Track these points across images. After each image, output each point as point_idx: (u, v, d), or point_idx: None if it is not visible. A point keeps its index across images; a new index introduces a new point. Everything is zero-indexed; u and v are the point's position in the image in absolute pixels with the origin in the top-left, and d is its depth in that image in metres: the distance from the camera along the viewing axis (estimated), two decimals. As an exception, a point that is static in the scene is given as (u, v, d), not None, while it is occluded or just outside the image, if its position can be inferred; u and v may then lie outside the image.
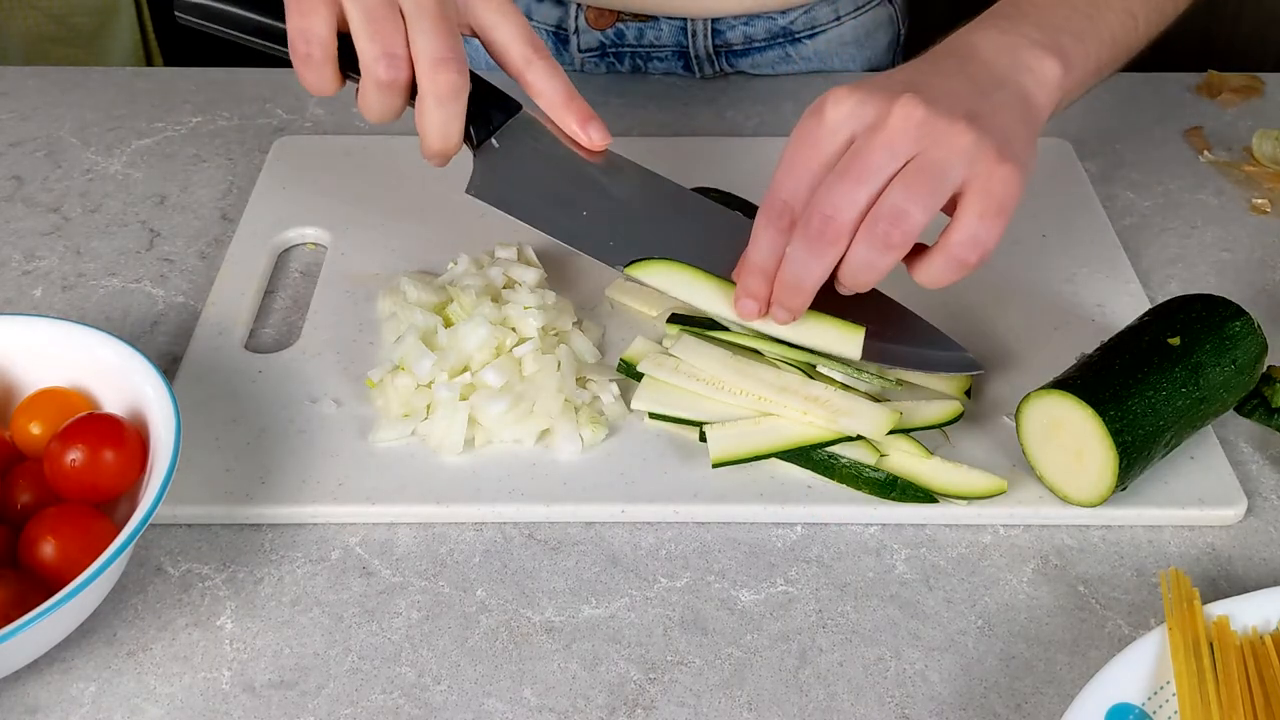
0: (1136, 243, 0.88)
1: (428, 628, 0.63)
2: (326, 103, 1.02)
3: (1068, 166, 0.94)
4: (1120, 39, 0.72)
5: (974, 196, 0.62)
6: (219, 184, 0.93)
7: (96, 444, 0.63)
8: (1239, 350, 0.68)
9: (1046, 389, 0.66)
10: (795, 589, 0.65)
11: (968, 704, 0.60)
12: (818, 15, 1.07)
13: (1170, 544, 0.67)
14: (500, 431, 0.70)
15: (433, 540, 0.67)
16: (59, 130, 0.99)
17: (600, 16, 1.06)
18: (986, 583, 0.65)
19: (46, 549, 0.60)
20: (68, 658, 0.61)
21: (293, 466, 0.69)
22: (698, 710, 0.59)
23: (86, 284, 0.84)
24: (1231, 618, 0.60)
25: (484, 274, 0.79)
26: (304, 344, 0.78)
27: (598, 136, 0.73)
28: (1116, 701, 0.56)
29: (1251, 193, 0.94)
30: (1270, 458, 0.72)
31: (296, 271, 0.85)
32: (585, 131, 0.73)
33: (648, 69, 1.08)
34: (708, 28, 1.06)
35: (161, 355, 0.78)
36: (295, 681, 0.60)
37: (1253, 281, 0.85)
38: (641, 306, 0.79)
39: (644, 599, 0.64)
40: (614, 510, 0.68)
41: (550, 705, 0.59)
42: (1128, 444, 0.64)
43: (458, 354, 0.72)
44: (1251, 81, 1.05)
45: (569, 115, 0.73)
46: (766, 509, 0.68)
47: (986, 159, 0.61)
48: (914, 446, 0.69)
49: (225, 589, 0.65)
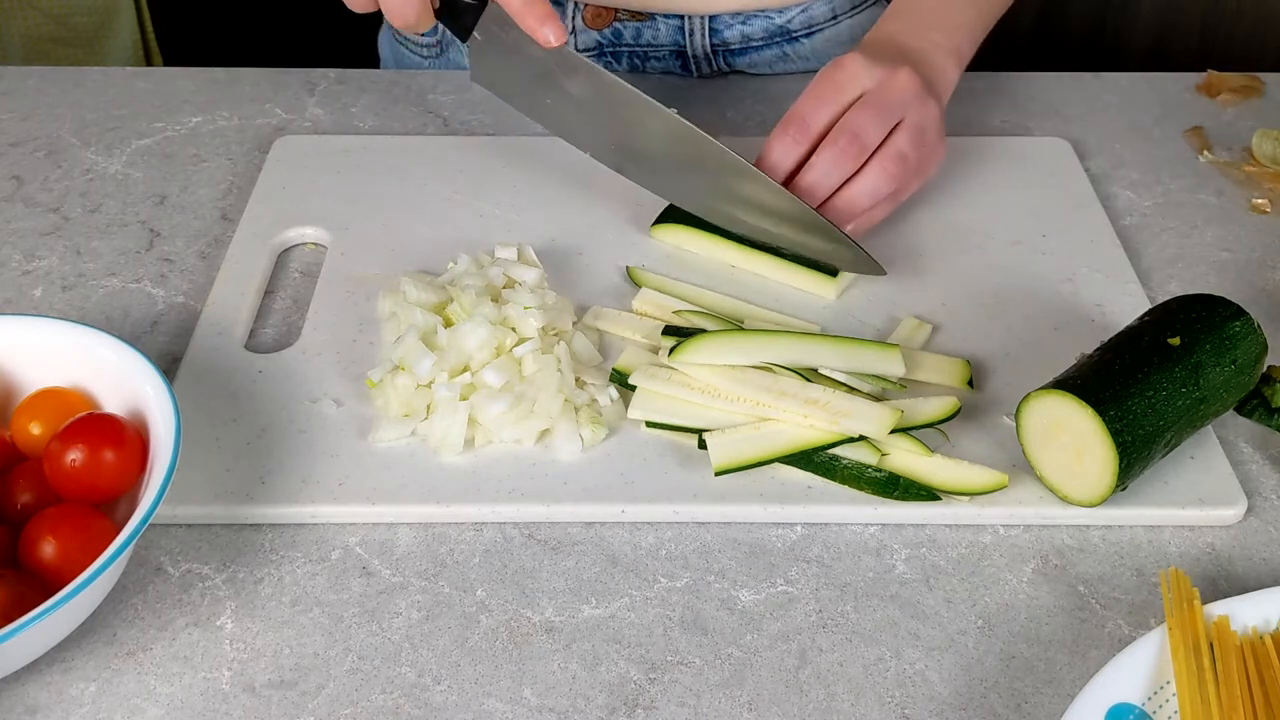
0: (1136, 243, 0.88)
1: (428, 628, 0.63)
2: (326, 103, 1.02)
3: (1068, 166, 0.94)
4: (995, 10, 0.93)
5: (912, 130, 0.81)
6: (219, 184, 0.93)
7: (96, 444, 0.63)
8: (1239, 350, 0.68)
9: (1046, 389, 0.66)
10: (795, 589, 0.65)
11: (968, 704, 0.60)
12: (815, 14, 1.07)
13: (1170, 544, 0.67)
14: (500, 431, 0.70)
15: (433, 540, 0.67)
16: (59, 130, 0.99)
17: (598, 16, 1.06)
18: (986, 583, 0.65)
19: (46, 549, 0.60)
20: (68, 658, 0.61)
21: (293, 466, 0.69)
22: (698, 710, 0.59)
23: (86, 284, 0.84)
24: (1231, 618, 0.60)
25: (484, 274, 0.79)
26: (304, 344, 0.78)
27: (554, 37, 0.77)
28: (1116, 701, 0.56)
29: (1251, 193, 0.94)
30: (1270, 458, 0.72)
31: (296, 271, 0.85)
32: (542, 31, 0.77)
33: (645, 68, 1.08)
34: (705, 26, 1.06)
35: (161, 355, 0.78)
36: (295, 681, 0.60)
37: (1253, 281, 0.85)
38: (624, 332, 0.78)
39: (644, 599, 0.64)
40: (614, 510, 0.68)
41: (550, 705, 0.59)
42: (1128, 444, 0.64)
43: (458, 354, 0.72)
44: (1251, 81, 1.05)
45: (527, 14, 0.77)
46: (766, 509, 0.68)
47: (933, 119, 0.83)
48: (915, 445, 0.69)
49: (225, 589, 0.65)
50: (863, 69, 0.81)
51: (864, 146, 0.79)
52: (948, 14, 0.89)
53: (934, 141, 0.83)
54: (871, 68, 0.81)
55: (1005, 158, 0.94)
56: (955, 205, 0.89)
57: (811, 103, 0.81)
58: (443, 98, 1.02)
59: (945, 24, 0.88)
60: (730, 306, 0.80)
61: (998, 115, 1.01)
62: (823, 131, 0.80)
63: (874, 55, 0.82)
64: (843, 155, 0.79)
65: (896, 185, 0.80)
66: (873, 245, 0.84)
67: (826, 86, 0.81)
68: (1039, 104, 1.03)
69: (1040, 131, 0.99)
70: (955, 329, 0.79)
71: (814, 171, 0.79)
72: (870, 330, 0.79)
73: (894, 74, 0.80)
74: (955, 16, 0.89)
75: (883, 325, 0.79)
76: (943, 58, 0.86)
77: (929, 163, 0.83)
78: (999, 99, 1.03)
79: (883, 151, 0.79)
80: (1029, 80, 1.06)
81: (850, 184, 0.80)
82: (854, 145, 0.78)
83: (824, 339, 0.74)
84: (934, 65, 0.85)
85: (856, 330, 0.79)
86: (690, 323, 0.77)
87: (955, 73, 0.87)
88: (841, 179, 0.79)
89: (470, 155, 0.94)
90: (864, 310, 0.81)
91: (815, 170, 0.79)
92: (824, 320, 0.80)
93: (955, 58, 0.87)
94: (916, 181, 0.83)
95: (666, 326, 0.77)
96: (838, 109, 0.80)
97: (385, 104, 1.02)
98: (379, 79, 1.05)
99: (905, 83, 0.80)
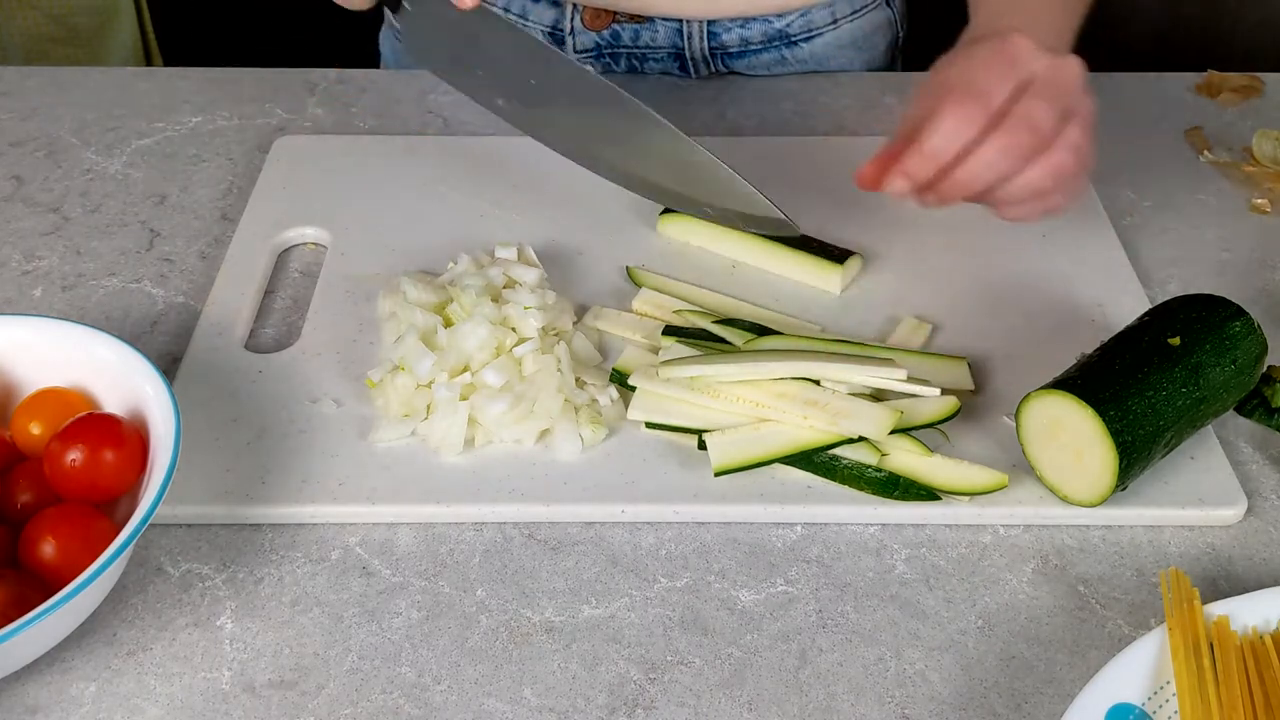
0: (1136, 243, 0.88)
1: (428, 628, 0.63)
2: (326, 103, 1.02)
3: (1068, 166, 0.94)
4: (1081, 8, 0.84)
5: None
6: (219, 184, 0.93)
7: (96, 444, 0.63)
8: (1239, 350, 0.68)
9: (1046, 389, 0.66)
10: (795, 589, 0.65)
11: (968, 704, 0.60)
12: (814, 18, 1.07)
13: (1170, 544, 0.67)
14: (500, 431, 0.70)
15: (433, 540, 0.67)
16: (59, 130, 0.99)
17: (596, 18, 1.06)
18: (986, 583, 0.65)
19: (46, 549, 0.60)
20: (68, 658, 0.61)
21: (293, 466, 0.69)
22: (698, 710, 0.59)
23: (86, 284, 0.84)
24: (1231, 618, 0.60)
25: (484, 274, 0.79)
26: (304, 344, 0.78)
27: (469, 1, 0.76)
28: (1116, 701, 0.56)
29: (1251, 193, 0.94)
30: (1270, 458, 0.72)
31: (296, 271, 0.85)
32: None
33: (643, 70, 1.08)
34: (704, 30, 1.06)
35: (161, 355, 0.78)
36: (295, 681, 0.60)
37: (1253, 281, 0.85)
38: (624, 332, 0.78)
39: (644, 599, 0.64)
40: (614, 510, 0.68)
41: (550, 705, 0.59)
42: (1128, 444, 0.64)
43: (458, 354, 0.72)
44: (1251, 81, 1.05)
45: None
46: (766, 509, 0.68)
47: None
48: (915, 445, 0.69)
49: (225, 589, 0.65)
50: (1031, 50, 0.72)
51: (1043, 140, 0.70)
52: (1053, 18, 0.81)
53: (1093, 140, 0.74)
54: (1038, 51, 0.72)
55: (1005, 158, 0.94)
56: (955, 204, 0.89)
57: (992, 76, 0.71)
58: (443, 98, 1.02)
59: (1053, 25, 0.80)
60: (730, 306, 0.80)
61: (998, 115, 1.01)
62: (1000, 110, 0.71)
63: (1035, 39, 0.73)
64: (1017, 148, 0.70)
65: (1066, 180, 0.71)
66: (874, 242, 0.84)
67: (1001, 61, 0.72)
68: (1039, 104, 1.02)
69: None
70: (955, 329, 0.79)
71: (979, 161, 0.70)
72: (870, 330, 0.79)
73: (1064, 62, 0.72)
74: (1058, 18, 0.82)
75: (883, 325, 0.79)
76: None
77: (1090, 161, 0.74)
78: (999, 99, 1.03)
79: (1060, 143, 0.71)
80: (1029, 80, 1.05)
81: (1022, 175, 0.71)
82: (1032, 138, 0.70)
83: (821, 357, 0.72)
84: None
85: (857, 330, 0.79)
86: (690, 323, 0.77)
87: None
88: (1010, 173, 0.71)
89: (470, 155, 0.94)
90: (864, 310, 0.81)
91: (981, 159, 0.70)
92: (824, 320, 0.80)
93: None
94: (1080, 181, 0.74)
95: (666, 326, 0.77)
96: (1011, 88, 0.71)
97: (385, 104, 1.02)
98: (379, 79, 1.05)
99: (1076, 72, 0.72)
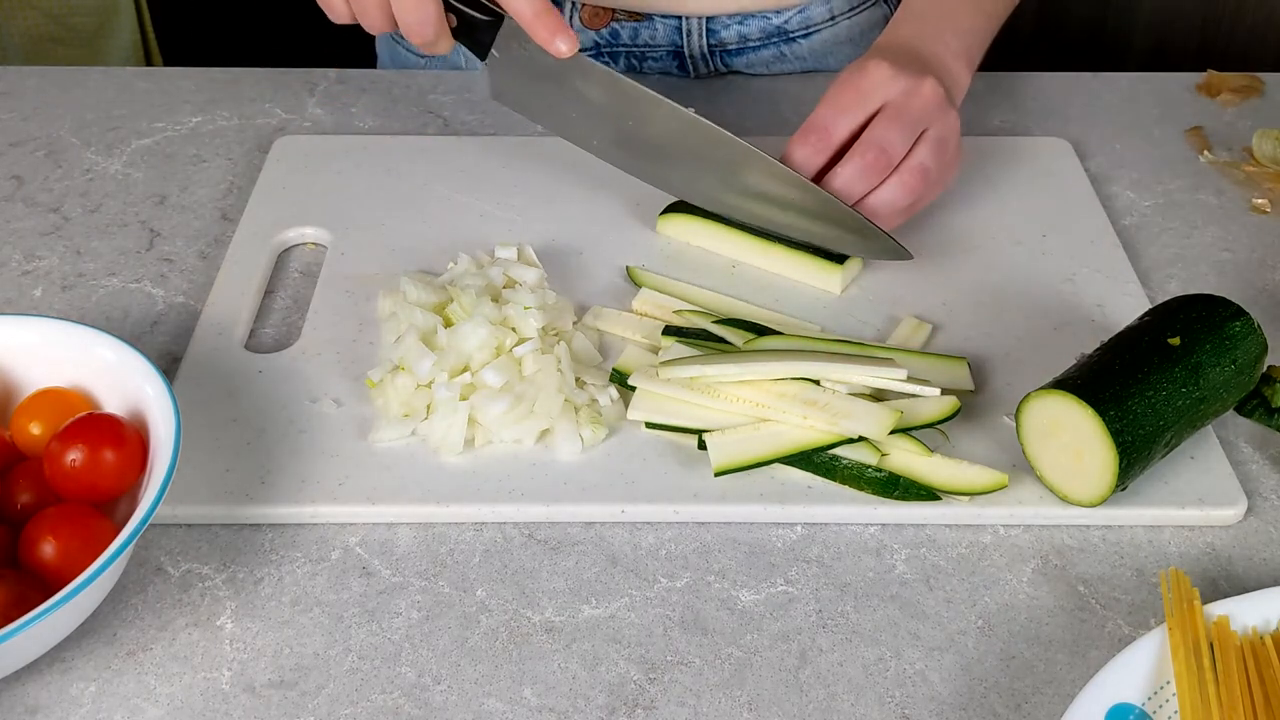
0: (1136, 243, 0.88)
1: (428, 628, 0.63)
2: (326, 103, 1.02)
3: (1068, 166, 0.94)
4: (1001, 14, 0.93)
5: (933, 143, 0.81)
6: (219, 184, 0.93)
7: (96, 444, 0.63)
8: (1239, 350, 0.68)
9: (1046, 389, 0.66)
10: (795, 589, 0.65)
11: (968, 704, 0.60)
12: (812, 15, 1.07)
13: (1170, 544, 0.67)
14: (500, 431, 0.70)
15: (433, 540, 0.67)
16: (59, 130, 0.99)
17: (595, 16, 1.06)
18: (986, 583, 0.65)
19: (46, 549, 0.60)
20: (68, 658, 0.61)
21: (293, 466, 0.69)
22: (698, 710, 0.59)
23: (86, 284, 0.84)
24: (1231, 618, 0.60)
25: (484, 274, 0.79)
26: (304, 344, 0.78)
27: (565, 48, 0.78)
28: (1116, 701, 0.56)
29: (1251, 193, 0.94)
30: (1270, 458, 0.72)
31: (296, 271, 0.85)
32: (554, 43, 0.77)
33: (642, 69, 1.08)
34: (702, 27, 1.06)
35: (161, 355, 0.78)
36: (295, 681, 0.60)
37: (1253, 281, 0.85)
38: (624, 332, 0.78)
39: (644, 599, 0.64)
40: (614, 510, 0.68)
41: (550, 705, 0.59)
42: (1128, 444, 0.64)
43: (458, 354, 0.72)
44: (1251, 81, 1.05)
45: (539, 27, 0.77)
46: (766, 509, 0.68)
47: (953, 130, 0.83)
48: (915, 445, 0.69)
49: (225, 589, 0.65)
50: (887, 77, 0.80)
51: (890, 160, 0.79)
52: (958, 18, 0.89)
53: (954, 152, 0.83)
54: (895, 77, 0.80)
55: (1005, 158, 0.94)
56: (955, 205, 0.89)
57: (833, 111, 0.80)
58: (443, 98, 1.02)
59: (957, 27, 0.88)
60: (730, 306, 0.80)
61: (998, 115, 1.01)
62: (844, 140, 0.80)
63: (896, 62, 0.81)
64: (869, 169, 0.78)
65: (915, 198, 0.80)
66: (873, 245, 0.84)
67: (849, 94, 0.80)
68: (1039, 104, 1.03)
69: (1040, 131, 0.99)
70: (955, 329, 0.79)
71: (838, 181, 0.79)
72: (870, 330, 0.79)
73: (919, 85, 0.80)
74: (965, 20, 0.89)
75: (883, 325, 0.79)
76: (956, 62, 0.86)
77: (948, 173, 0.83)
78: (999, 99, 1.03)
79: (905, 165, 0.79)
80: (1029, 80, 1.06)
81: (871, 195, 0.79)
82: (881, 159, 0.78)
83: (821, 357, 0.72)
84: (950, 72, 0.85)
85: (857, 330, 0.79)
86: (690, 323, 0.77)
87: (967, 77, 0.87)
88: (865, 191, 0.79)
89: (470, 155, 0.94)
90: (864, 310, 0.81)
91: (839, 180, 0.79)
92: (824, 321, 0.80)
93: (966, 61, 0.87)
94: (934, 193, 0.83)
95: (666, 326, 0.77)
96: (861, 118, 0.80)
97: (385, 104, 1.02)
98: (379, 79, 1.05)
99: (929, 94, 0.80)
